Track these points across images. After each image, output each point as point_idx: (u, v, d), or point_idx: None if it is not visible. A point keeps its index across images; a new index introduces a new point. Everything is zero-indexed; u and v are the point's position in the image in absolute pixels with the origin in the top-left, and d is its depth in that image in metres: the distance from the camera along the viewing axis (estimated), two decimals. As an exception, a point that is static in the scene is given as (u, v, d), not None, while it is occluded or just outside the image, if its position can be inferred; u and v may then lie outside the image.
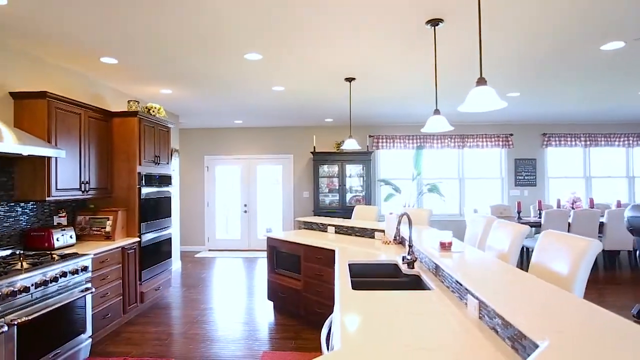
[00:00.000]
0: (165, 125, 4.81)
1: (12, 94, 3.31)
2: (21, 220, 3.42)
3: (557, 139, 7.72)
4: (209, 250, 8.13)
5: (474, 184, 7.90)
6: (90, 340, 3.26)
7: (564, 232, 2.19)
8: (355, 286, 2.31)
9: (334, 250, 3.48)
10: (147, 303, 4.40)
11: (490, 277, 1.83)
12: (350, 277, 2.53)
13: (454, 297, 1.93)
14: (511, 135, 7.67)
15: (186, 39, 3.18)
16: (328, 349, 1.65)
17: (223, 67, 3.93)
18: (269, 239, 4.39)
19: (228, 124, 7.73)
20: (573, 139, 7.72)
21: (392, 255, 3.02)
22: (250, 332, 3.79)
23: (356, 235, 4.11)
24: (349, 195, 7.53)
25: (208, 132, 8.15)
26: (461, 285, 1.84)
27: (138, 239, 4.14)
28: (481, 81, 1.92)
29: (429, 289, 2.16)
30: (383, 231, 3.83)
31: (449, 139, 7.72)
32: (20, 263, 2.78)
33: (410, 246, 2.59)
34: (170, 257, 4.93)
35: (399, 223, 2.55)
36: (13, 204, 3.34)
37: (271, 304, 4.58)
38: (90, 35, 3.10)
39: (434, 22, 2.82)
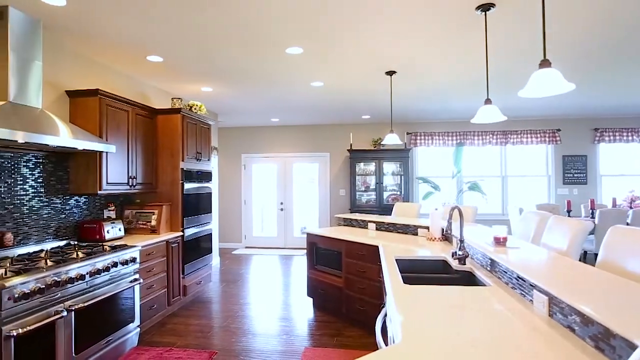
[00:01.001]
0: (206, 122, 4.90)
1: (67, 92, 3.47)
2: (75, 212, 3.58)
3: (611, 134, 7.23)
4: (246, 247, 8.24)
5: (517, 182, 7.54)
6: (138, 329, 3.35)
7: (635, 228, 2.00)
8: (405, 281, 2.23)
9: (377, 247, 3.40)
10: (189, 296, 4.50)
11: (559, 273, 1.70)
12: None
13: (515, 293, 1.81)
14: (558, 130, 7.26)
15: (229, 35, 3.21)
16: (386, 343, 1.58)
17: (264, 63, 3.95)
18: (309, 235, 4.36)
19: (265, 123, 7.81)
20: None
21: (438, 251, 2.91)
22: (291, 328, 3.77)
23: (398, 232, 4.01)
24: (386, 194, 7.40)
25: (245, 130, 8.27)
26: (524, 280, 1.72)
27: (181, 234, 4.24)
28: (545, 63, 1.79)
29: (484, 285, 2.05)
30: (427, 228, 3.71)
31: (491, 136, 7.41)
32: (75, 253, 2.90)
33: (461, 241, 2.47)
34: (211, 252, 5.01)
35: (450, 217, 2.43)
36: (68, 197, 3.49)
37: (310, 300, 4.55)
38: (138, 34, 3.19)
39: (485, 7, 2.68)
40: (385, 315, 1.80)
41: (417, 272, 2.64)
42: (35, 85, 2.87)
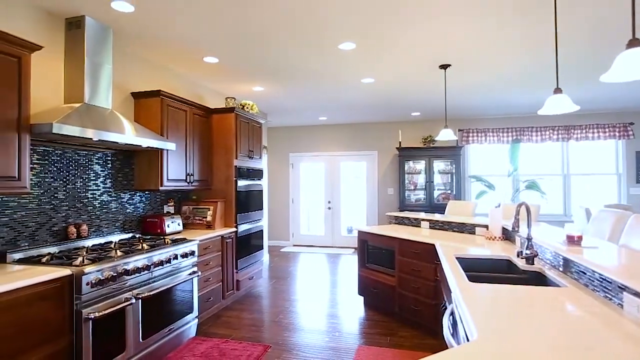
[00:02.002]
0: (258, 121, 5.01)
1: (132, 93, 3.69)
2: (138, 207, 3.79)
3: (692, 127, 6.51)
4: (294, 245, 8.34)
5: (581, 181, 7.00)
6: (196, 320, 3.48)
7: None
8: (470, 280, 2.12)
9: (433, 245, 3.29)
10: (241, 291, 4.61)
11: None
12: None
13: (597, 296, 1.66)
14: (631, 124, 6.65)
15: (282, 33, 3.24)
16: (457, 341, 1.51)
17: (315, 60, 3.96)
18: (360, 233, 4.32)
19: (312, 121, 7.86)
20: None
21: (499, 251, 2.75)
22: (342, 326, 3.74)
23: (454, 231, 3.85)
24: (436, 192, 7.17)
25: (293, 130, 8.37)
26: (610, 282, 1.57)
27: (235, 229, 4.35)
28: (635, 42, 1.62)
29: (557, 286, 1.90)
30: (485, 227, 3.53)
31: (551, 131, 6.94)
32: (141, 245, 3.06)
33: (529, 240, 2.31)
34: (262, 248, 5.11)
35: (517, 213, 2.29)
36: (133, 192, 3.70)
37: (361, 299, 4.50)
38: (197, 37, 3.31)
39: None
40: (452, 313, 1.72)
41: (478, 271, 2.51)
42: (106, 88, 3.07)
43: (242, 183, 4.53)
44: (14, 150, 2.26)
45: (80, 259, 2.44)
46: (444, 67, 4.15)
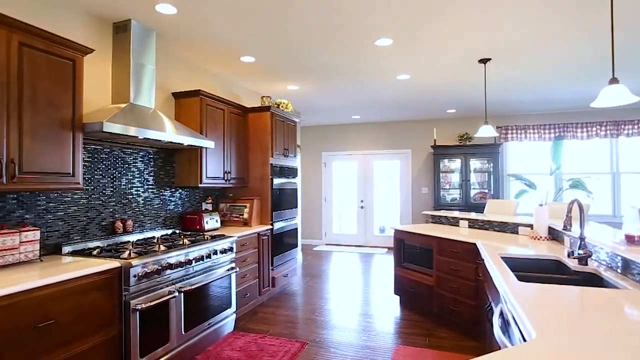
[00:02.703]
0: (293, 120, 5.04)
1: (173, 93, 3.81)
2: (179, 204, 3.90)
3: None
4: (326, 244, 8.34)
5: (633, 180, 6.58)
6: (234, 315, 3.55)
7: None
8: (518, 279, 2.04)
9: (473, 245, 3.19)
10: (277, 288, 4.65)
11: None
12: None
13: (663, 298, 1.54)
14: (688, 119, 6.19)
15: (319, 31, 3.24)
16: (510, 341, 1.45)
17: (351, 57, 3.94)
18: (396, 232, 4.25)
19: (345, 120, 7.83)
20: None
21: (544, 251, 2.63)
22: (378, 325, 3.70)
23: (494, 230, 3.72)
24: (473, 191, 6.96)
25: (325, 129, 8.38)
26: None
27: (270, 227, 4.40)
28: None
29: (615, 288, 1.79)
30: (529, 226, 3.39)
31: (598, 127, 6.57)
32: (182, 240, 3.15)
33: (582, 239, 2.19)
34: (297, 246, 5.15)
35: (570, 211, 2.17)
36: (174, 189, 3.82)
37: (397, 298, 4.43)
38: (234, 37, 3.37)
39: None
40: (501, 313, 1.65)
41: (525, 272, 2.41)
42: (149, 88, 3.18)
43: (277, 181, 4.58)
44: (69, 148, 2.39)
45: (127, 252, 2.54)
46: (484, 61, 4.02)
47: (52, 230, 2.62)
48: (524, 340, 1.21)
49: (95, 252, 2.62)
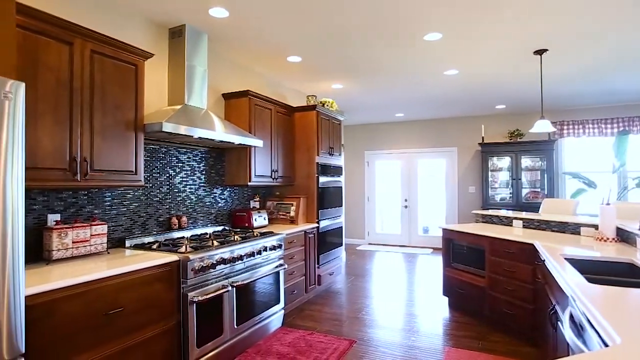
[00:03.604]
0: (337, 118, 5.05)
1: (223, 94, 3.94)
2: (228, 202, 4.03)
3: None
4: (369, 244, 8.28)
5: None
6: (283, 311, 3.61)
7: None
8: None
9: (530, 245, 3.03)
10: (322, 286, 4.68)
11: None
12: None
13: None
14: None
15: (366, 28, 3.22)
16: (587, 346, 1.36)
17: (399, 53, 3.88)
18: (445, 231, 4.14)
19: (388, 119, 7.73)
20: None
21: (612, 253, 2.44)
22: (426, 326, 3.62)
23: (552, 231, 3.52)
24: (524, 190, 6.62)
25: (369, 127, 8.31)
26: None
27: (316, 225, 4.43)
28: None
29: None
30: (593, 226, 3.17)
31: (668, 120, 6.02)
32: (233, 236, 3.25)
33: (659, 240, 2.02)
34: (341, 245, 5.15)
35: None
36: (224, 187, 3.95)
37: (446, 299, 4.31)
38: (282, 37, 3.42)
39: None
40: (570, 317, 1.55)
41: (593, 274, 2.25)
42: (201, 89, 3.31)
43: (323, 179, 4.60)
44: (132, 147, 2.53)
45: (184, 247, 2.65)
46: (540, 52, 3.81)
47: (117, 224, 2.79)
48: (604, 345, 1.13)
49: (154, 247, 2.76)
